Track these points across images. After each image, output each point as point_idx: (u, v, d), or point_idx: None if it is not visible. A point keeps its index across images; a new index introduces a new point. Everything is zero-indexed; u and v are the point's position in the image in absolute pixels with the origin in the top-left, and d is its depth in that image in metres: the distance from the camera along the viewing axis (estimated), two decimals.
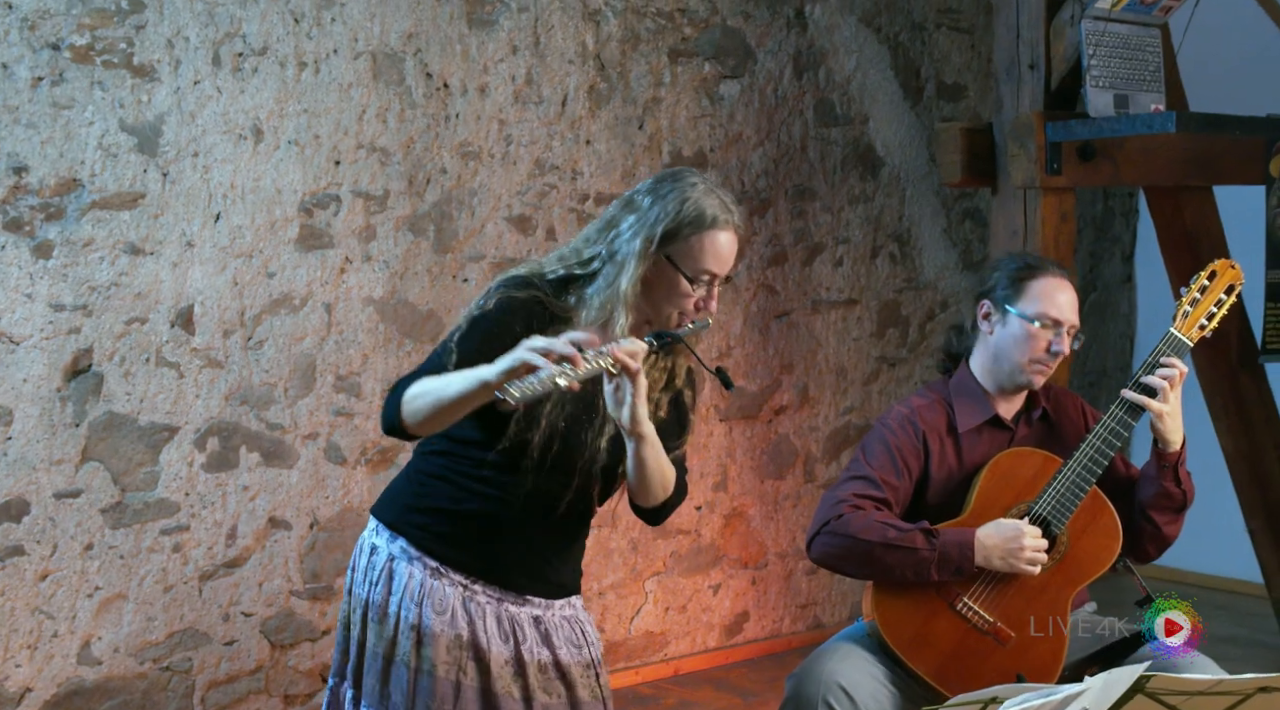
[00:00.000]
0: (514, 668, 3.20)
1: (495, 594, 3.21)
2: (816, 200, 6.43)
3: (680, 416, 3.34)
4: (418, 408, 3.04)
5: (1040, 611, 3.73)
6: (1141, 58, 5.14)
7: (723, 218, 3.15)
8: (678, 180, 3.19)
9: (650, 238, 3.11)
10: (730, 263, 3.19)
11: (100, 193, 4.66)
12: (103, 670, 4.77)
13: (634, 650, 6.05)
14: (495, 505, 3.18)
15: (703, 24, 6.01)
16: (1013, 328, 3.87)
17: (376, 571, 3.25)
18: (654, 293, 3.15)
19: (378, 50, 5.18)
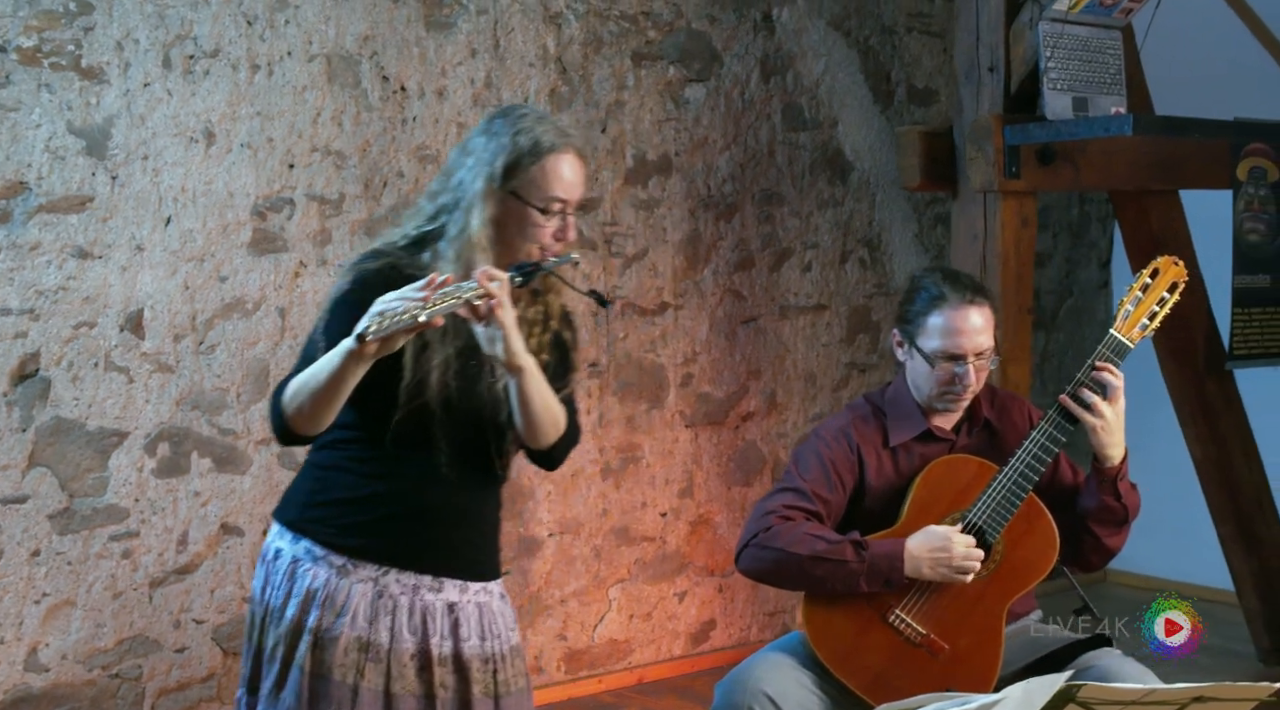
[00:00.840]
0: (419, 662, 3.12)
1: (410, 581, 3.14)
2: (784, 205, 6.38)
3: (563, 356, 3.27)
4: (299, 405, 2.99)
5: (975, 622, 3.68)
6: (1102, 60, 5.10)
7: (560, 142, 3.09)
8: (508, 115, 3.13)
9: (491, 176, 3.05)
10: (578, 186, 3.13)
11: (47, 196, 4.63)
12: (50, 677, 4.73)
13: (597, 658, 6.00)
14: (399, 483, 3.12)
15: (667, 27, 5.97)
16: (918, 361, 3.82)
17: (280, 575, 3.17)
18: (507, 231, 3.09)
19: (333, 53, 5.14)
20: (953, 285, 3.84)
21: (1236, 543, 6.15)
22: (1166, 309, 3.84)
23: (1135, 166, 5.39)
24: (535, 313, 3.21)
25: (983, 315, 3.80)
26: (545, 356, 3.19)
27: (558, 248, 3.12)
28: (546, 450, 3.19)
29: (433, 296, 2.84)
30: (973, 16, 5.17)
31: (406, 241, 3.16)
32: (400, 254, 3.14)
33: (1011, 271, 5.08)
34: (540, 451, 3.20)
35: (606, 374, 5.89)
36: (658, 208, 5.99)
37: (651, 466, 6.08)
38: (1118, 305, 3.83)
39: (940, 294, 3.81)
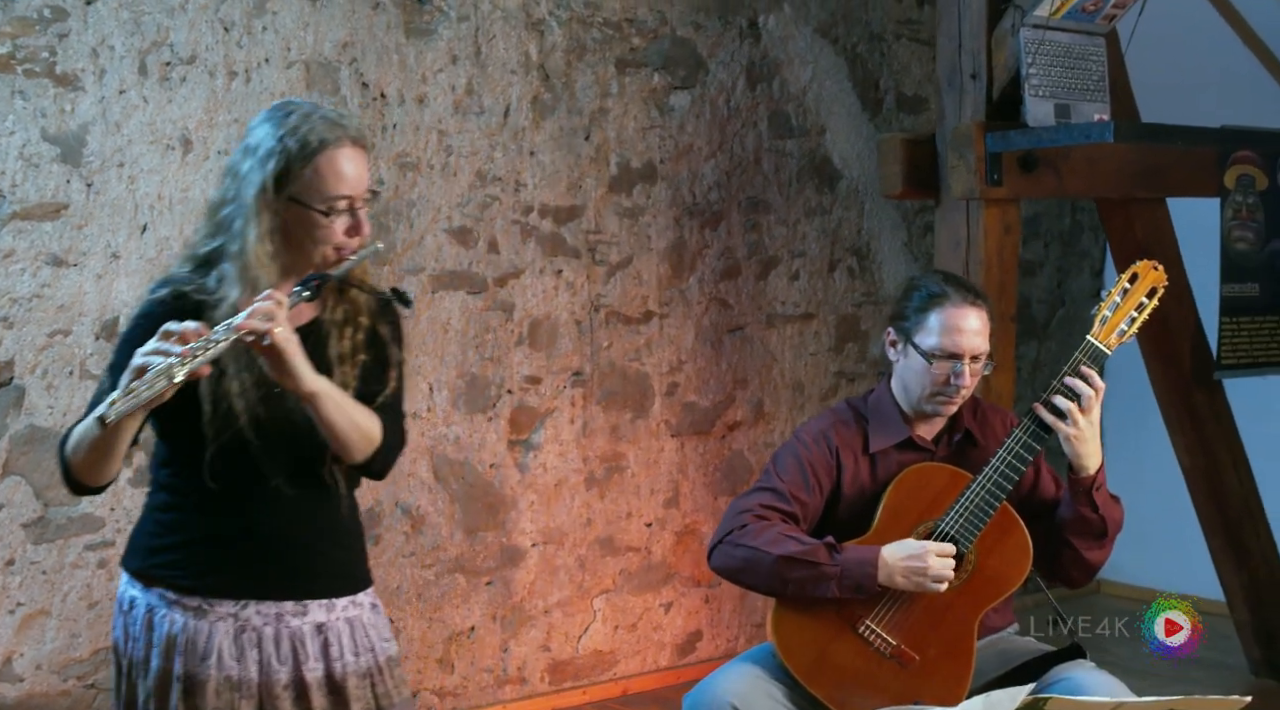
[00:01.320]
0: (294, 691, 3.02)
1: (271, 610, 3.03)
2: (771, 213, 6.34)
3: (379, 352, 3.11)
4: (80, 460, 2.86)
5: (945, 633, 3.64)
6: (1084, 66, 5.06)
7: (331, 136, 2.91)
8: (273, 117, 2.95)
9: (263, 185, 2.88)
10: (361, 179, 2.95)
11: (21, 203, 4.60)
12: (24, 687, 4.70)
13: (581, 669, 5.96)
14: (237, 515, 2.99)
15: (652, 34, 5.94)
16: (913, 360, 3.77)
17: (137, 626, 3.05)
18: (295, 239, 2.94)
19: (311, 59, 5.11)
20: (954, 285, 3.83)
21: (1226, 554, 6.10)
22: (1145, 314, 3.79)
23: (1120, 174, 5.34)
24: (343, 312, 3.06)
25: (981, 318, 3.77)
26: (362, 356, 3.06)
27: (354, 244, 2.96)
28: (363, 464, 3.05)
29: (191, 349, 2.70)
30: (955, 23, 5.12)
31: (194, 264, 3.01)
32: (189, 278, 2.99)
33: (995, 279, 5.04)
34: (357, 465, 3.06)
35: (590, 382, 5.86)
36: (642, 216, 5.96)
37: (636, 476, 6.04)
38: (1096, 310, 3.78)
39: (942, 292, 3.78)
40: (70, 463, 2.90)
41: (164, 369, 2.67)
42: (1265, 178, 5.46)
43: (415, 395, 5.40)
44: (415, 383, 5.40)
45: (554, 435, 5.79)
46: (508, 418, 5.66)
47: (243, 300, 2.88)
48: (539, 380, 5.73)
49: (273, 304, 2.79)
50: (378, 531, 5.34)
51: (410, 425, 5.30)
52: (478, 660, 5.66)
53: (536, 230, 5.66)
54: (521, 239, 5.63)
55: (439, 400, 5.47)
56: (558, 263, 5.73)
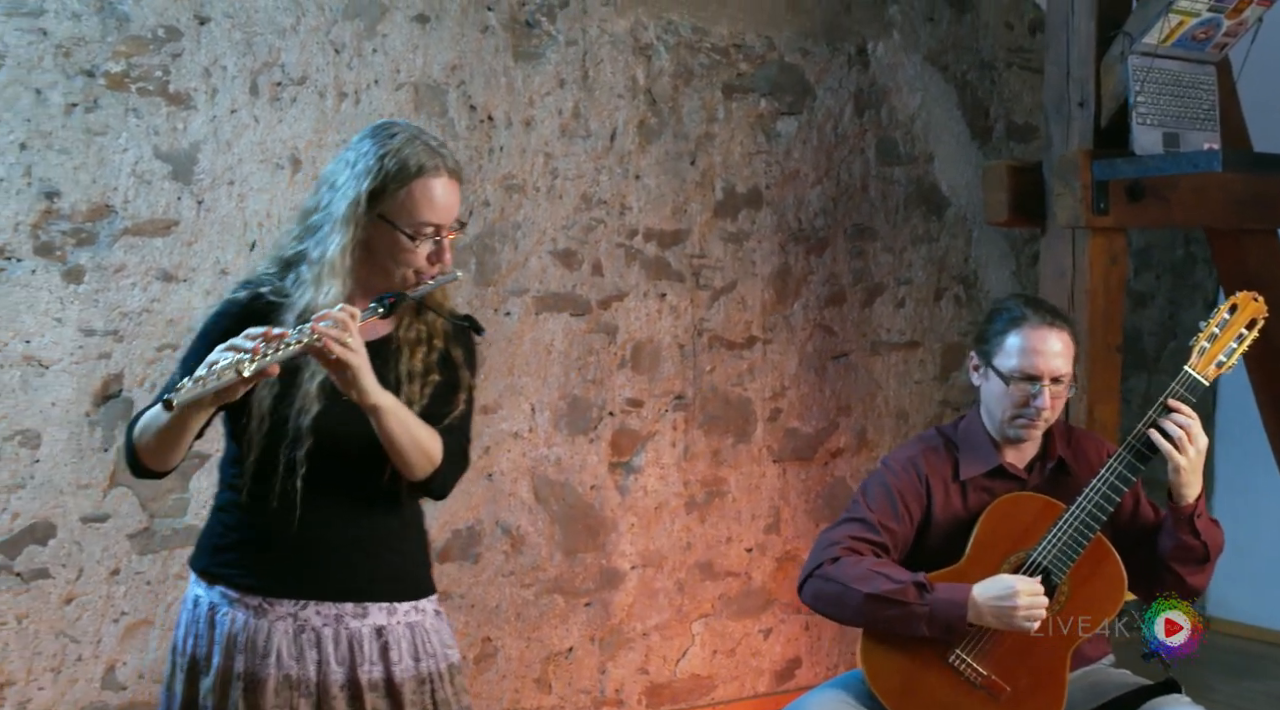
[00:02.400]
0: (349, 692, 3.06)
1: (331, 611, 3.08)
2: (877, 240, 6.32)
3: (451, 377, 3.15)
4: (146, 440, 2.96)
5: (1037, 664, 3.61)
6: (1194, 95, 5.00)
7: (430, 164, 2.99)
8: (376, 135, 3.03)
9: (356, 200, 2.96)
10: (451, 210, 3.03)
11: (133, 219, 4.69)
12: (127, 695, 4.78)
13: (679, 692, 5.96)
14: (302, 518, 3.03)
15: (759, 60, 5.95)
16: (993, 383, 3.76)
17: (200, 624, 3.11)
18: (378, 256, 3.01)
19: (420, 82, 5.17)
20: (1033, 308, 3.81)
21: None
22: (1244, 346, 3.75)
23: (1228, 204, 5.27)
24: (417, 332, 3.12)
25: (1061, 340, 3.75)
26: (434, 377, 3.11)
27: (433, 271, 3.03)
28: (422, 482, 3.09)
29: (263, 348, 2.77)
30: (1063, 50, 5.08)
31: (278, 266, 3.10)
32: (269, 279, 3.07)
33: (1100, 309, 4.98)
34: (416, 483, 3.10)
35: (693, 407, 5.86)
36: (747, 241, 5.96)
37: (737, 501, 6.04)
38: (1193, 341, 3.74)
39: (1021, 315, 3.77)
40: (136, 446, 3.00)
41: (233, 363, 2.75)
42: None
43: (517, 415, 5.43)
44: (517, 403, 5.44)
45: (655, 458, 5.80)
46: (609, 440, 5.68)
47: (314, 304, 2.95)
48: (641, 403, 5.74)
49: (346, 315, 2.86)
50: (478, 550, 5.38)
51: (512, 445, 5.40)
52: (575, 681, 5.67)
53: (641, 254, 5.69)
54: (625, 262, 5.65)
55: (541, 421, 5.50)
56: (661, 286, 5.75)
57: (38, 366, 4.58)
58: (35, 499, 4.60)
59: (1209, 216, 5.31)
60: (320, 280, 2.98)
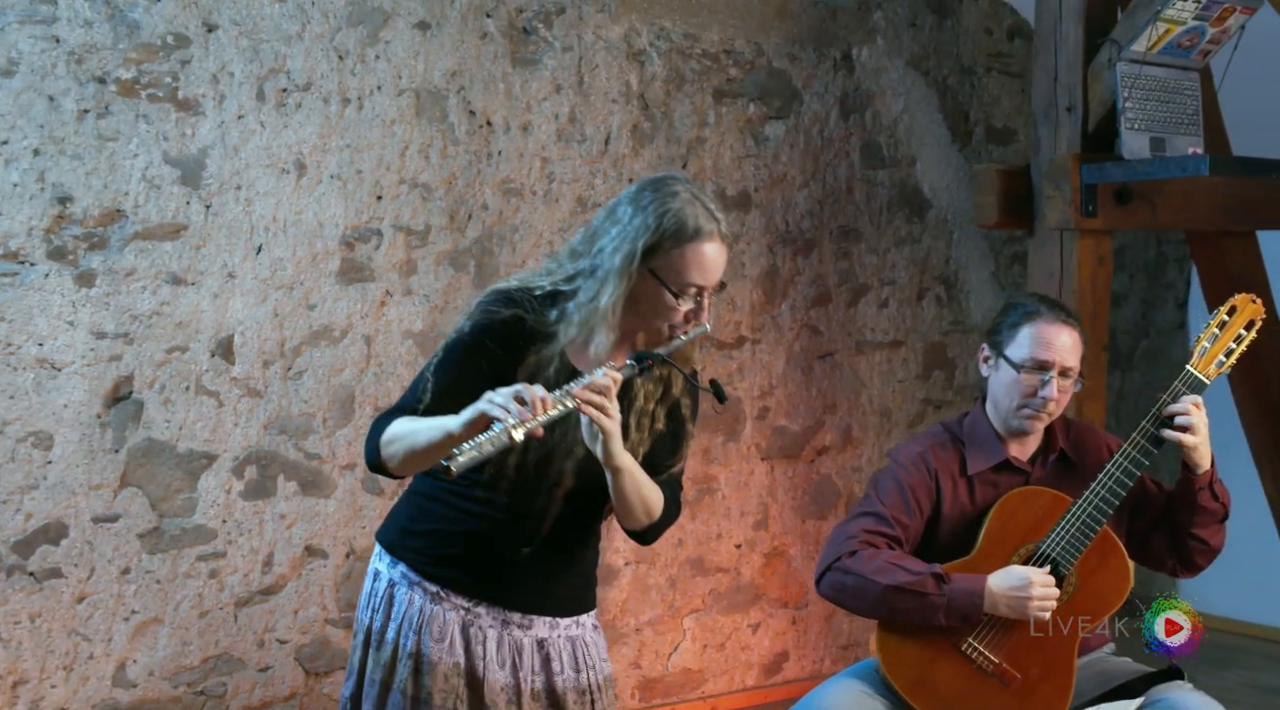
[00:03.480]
0: (509, 695, 3.17)
1: (499, 616, 3.18)
2: (862, 241, 6.45)
3: (676, 428, 3.26)
4: (393, 453, 3.04)
5: (1047, 653, 3.72)
6: (1179, 101, 5.14)
7: (706, 228, 3.06)
8: (659, 189, 3.10)
9: (632, 253, 3.03)
10: (717, 273, 3.10)
11: (143, 223, 4.76)
12: (137, 693, 4.85)
13: (671, 687, 6.06)
14: (489, 524, 3.15)
15: (748, 65, 6.06)
16: (1003, 373, 3.88)
17: (378, 598, 3.23)
18: (640, 307, 3.09)
19: (421, 87, 5.26)
20: (1048, 304, 3.96)
21: None
22: (1243, 346, 3.89)
23: (1213, 207, 5.42)
24: (656, 382, 3.20)
25: (1073, 337, 3.89)
26: (660, 426, 3.21)
27: (686, 327, 3.11)
28: (639, 532, 3.23)
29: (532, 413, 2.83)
30: (1051, 57, 5.21)
31: (541, 293, 3.15)
32: (532, 304, 3.13)
33: (1088, 309, 5.11)
34: (632, 531, 3.24)
35: None
36: (737, 242, 6.07)
37: (727, 498, 6.15)
38: (1195, 341, 3.87)
39: (1036, 309, 3.91)
40: (382, 453, 3.06)
41: (506, 429, 2.80)
42: None
43: None
44: None
45: None
46: None
47: (576, 345, 3.06)
48: None
49: (609, 381, 2.93)
50: None
51: None
52: None
53: None
54: None
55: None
56: None
57: (50, 369, 4.64)
58: (48, 499, 4.66)
59: (1193, 219, 5.45)
60: (591, 327, 3.06)
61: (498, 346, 3.07)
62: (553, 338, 3.09)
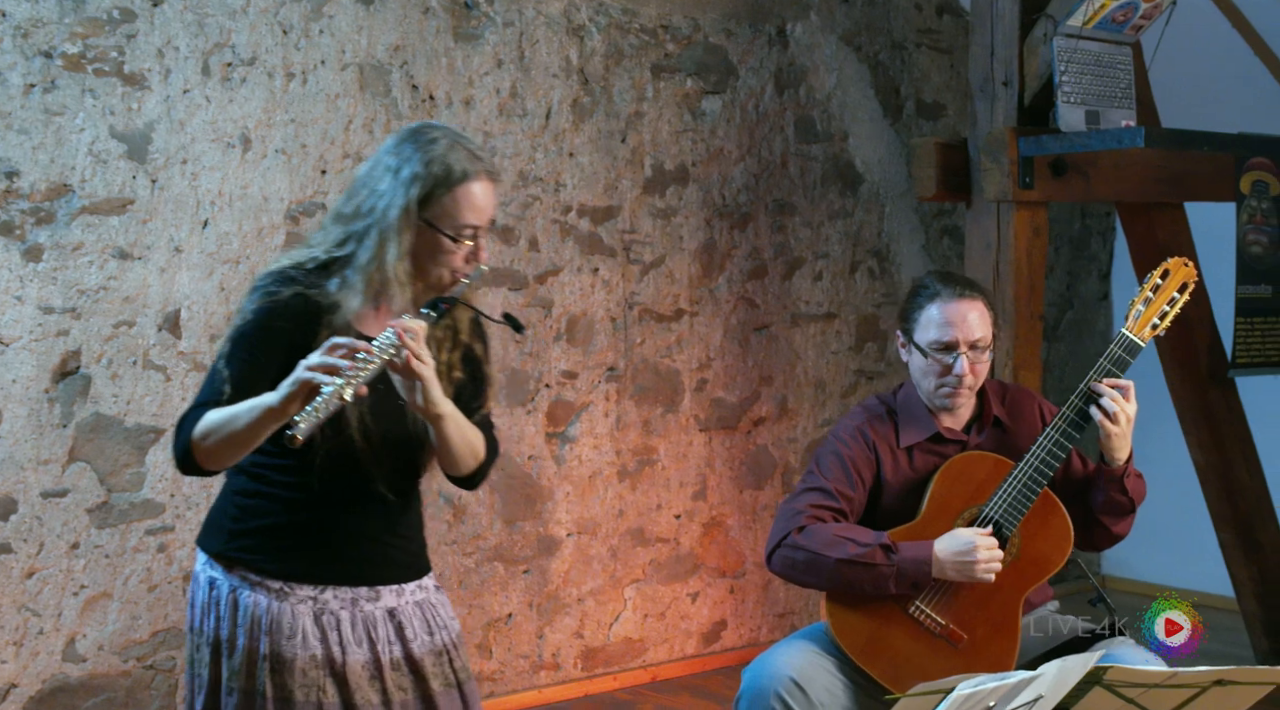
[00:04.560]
0: (371, 671, 3.15)
1: (347, 595, 3.16)
2: (796, 215, 6.53)
3: (474, 372, 3.25)
4: (209, 446, 2.98)
5: (992, 613, 3.81)
6: (1113, 74, 5.24)
7: (473, 169, 3.06)
8: (418, 139, 3.09)
9: (407, 206, 3.02)
10: (490, 209, 3.10)
11: (90, 198, 4.76)
12: (87, 667, 4.85)
13: (613, 656, 6.13)
14: (326, 509, 3.13)
15: (685, 41, 6.12)
16: (915, 357, 3.96)
17: (222, 606, 3.16)
18: (419, 258, 3.07)
19: (364, 62, 5.28)
20: (945, 281, 4.00)
21: (1236, 548, 6.27)
22: (1177, 309, 3.96)
23: (1144, 179, 5.53)
24: (443, 330, 3.18)
25: (975, 309, 3.93)
26: (458, 374, 3.19)
27: (468, 270, 3.11)
28: (467, 476, 3.23)
29: (355, 367, 2.84)
30: (987, 32, 5.30)
31: (315, 265, 3.12)
32: (309, 279, 3.10)
33: (1024, 280, 5.22)
34: (459, 477, 3.23)
35: (624, 378, 6.03)
36: (675, 217, 6.13)
37: (667, 469, 6.22)
38: (1129, 305, 3.95)
39: (935, 290, 3.96)
40: (196, 447, 3.00)
41: (336, 391, 2.81)
42: (1279, 183, 5.64)
43: None
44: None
45: (589, 429, 5.96)
46: (545, 411, 5.83)
47: (364, 310, 3.04)
48: (575, 375, 5.90)
49: (417, 329, 2.94)
50: None
51: None
52: (515, 646, 5.82)
53: (575, 229, 5.84)
54: (561, 238, 5.80)
55: None
56: (594, 261, 5.90)
57: None
58: None
59: (1125, 191, 5.57)
60: (375, 287, 3.04)
61: (288, 324, 3.02)
62: (338, 307, 3.06)
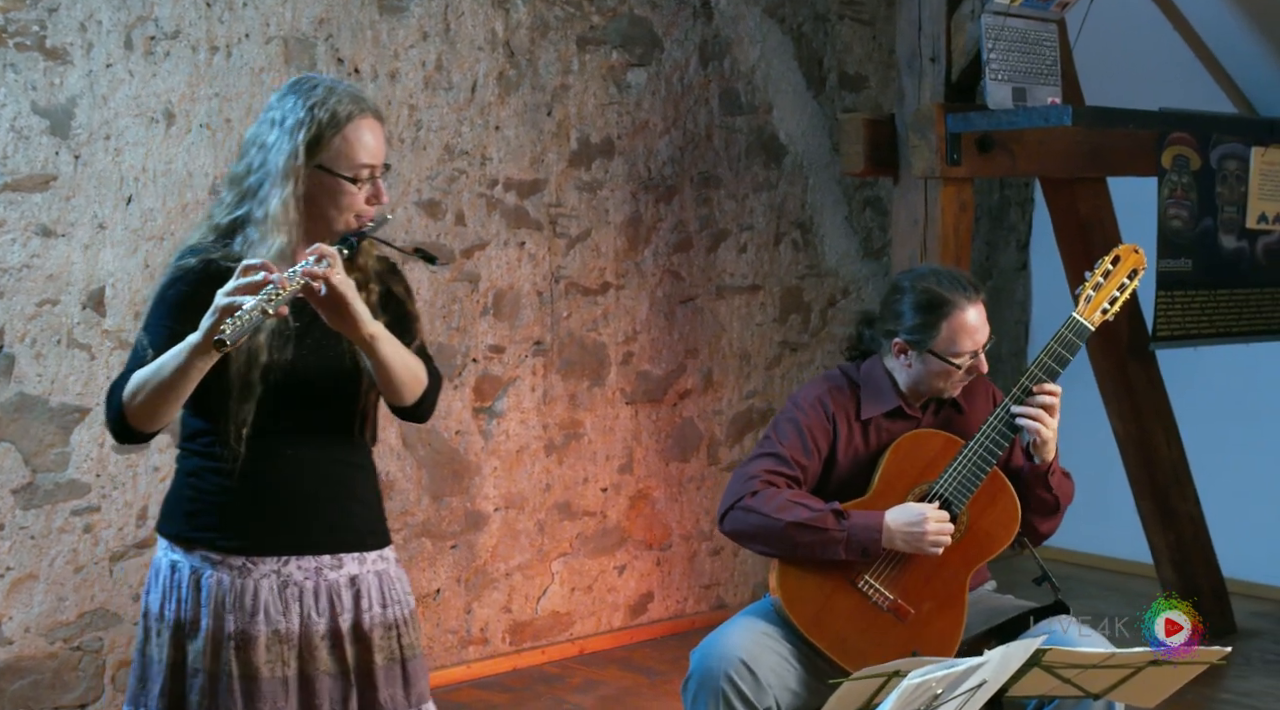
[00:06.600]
0: (330, 641, 3.14)
1: (311, 564, 3.15)
2: (721, 187, 6.54)
3: (398, 310, 3.24)
4: (140, 403, 2.98)
5: (939, 589, 3.85)
6: (1039, 52, 5.28)
7: (357, 109, 3.08)
8: (298, 88, 3.10)
9: (293, 151, 3.02)
10: (381, 150, 3.12)
11: (12, 175, 4.67)
12: (14, 650, 4.79)
13: (541, 630, 6.13)
14: (270, 473, 3.11)
15: (611, 12, 6.10)
16: (932, 365, 3.93)
17: (183, 588, 3.14)
18: (320, 205, 3.08)
19: (289, 35, 5.22)
20: (953, 289, 3.95)
21: (1154, 516, 6.38)
22: (1127, 295, 4.00)
23: (1069, 154, 5.58)
24: (356, 278, 3.14)
25: (981, 307, 3.96)
26: (382, 316, 3.14)
27: (372, 212, 3.12)
28: (414, 404, 3.20)
29: (273, 287, 2.83)
30: (915, 8, 5.32)
31: (216, 234, 3.12)
32: (213, 248, 3.10)
33: (951, 254, 5.26)
34: (407, 408, 3.21)
35: (551, 352, 6.02)
36: (600, 190, 6.12)
37: (593, 443, 6.22)
38: (1080, 290, 3.98)
39: (952, 302, 3.91)
40: (128, 409, 2.99)
41: (258, 304, 2.81)
42: (1199, 158, 5.71)
43: None
44: None
45: (516, 403, 5.95)
46: (473, 386, 5.81)
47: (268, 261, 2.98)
48: (502, 350, 5.88)
49: (332, 251, 2.95)
50: None
51: None
52: (443, 621, 5.81)
53: (501, 203, 5.81)
54: (487, 212, 5.77)
55: None
56: (520, 235, 5.88)
57: None
58: None
59: (1050, 167, 5.62)
60: (270, 236, 3.02)
61: (201, 290, 2.98)
62: None
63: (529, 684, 5.85)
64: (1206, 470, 6.56)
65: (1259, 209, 5.91)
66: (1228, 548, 6.62)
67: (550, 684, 5.88)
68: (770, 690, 3.75)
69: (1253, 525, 7.00)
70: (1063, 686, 3.38)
